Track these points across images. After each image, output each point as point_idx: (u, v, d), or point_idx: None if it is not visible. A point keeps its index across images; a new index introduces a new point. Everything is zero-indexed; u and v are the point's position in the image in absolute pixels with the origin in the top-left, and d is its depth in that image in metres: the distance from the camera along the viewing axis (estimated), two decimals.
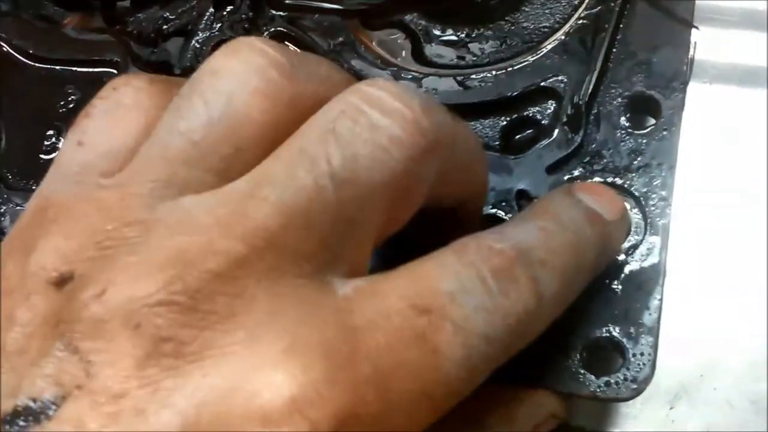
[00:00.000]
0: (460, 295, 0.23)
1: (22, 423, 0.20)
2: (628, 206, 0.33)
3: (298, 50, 0.28)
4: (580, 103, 0.34)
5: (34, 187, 0.38)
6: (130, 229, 0.22)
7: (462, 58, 0.37)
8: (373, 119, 0.23)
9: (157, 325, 0.20)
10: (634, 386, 0.30)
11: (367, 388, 0.21)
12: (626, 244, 0.32)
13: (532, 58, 0.36)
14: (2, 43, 0.41)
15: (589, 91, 0.34)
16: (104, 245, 0.22)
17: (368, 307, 0.22)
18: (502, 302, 0.24)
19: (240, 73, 0.24)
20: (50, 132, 0.39)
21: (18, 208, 0.38)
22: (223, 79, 0.24)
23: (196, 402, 0.20)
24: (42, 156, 0.39)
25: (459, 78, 0.36)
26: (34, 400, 0.20)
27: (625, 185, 0.33)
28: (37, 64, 0.41)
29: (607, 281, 0.32)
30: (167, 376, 0.20)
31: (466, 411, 0.24)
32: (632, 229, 0.32)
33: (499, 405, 0.30)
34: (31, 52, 0.41)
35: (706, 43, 0.38)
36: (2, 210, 0.38)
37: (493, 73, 0.36)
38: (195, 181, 0.23)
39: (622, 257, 0.32)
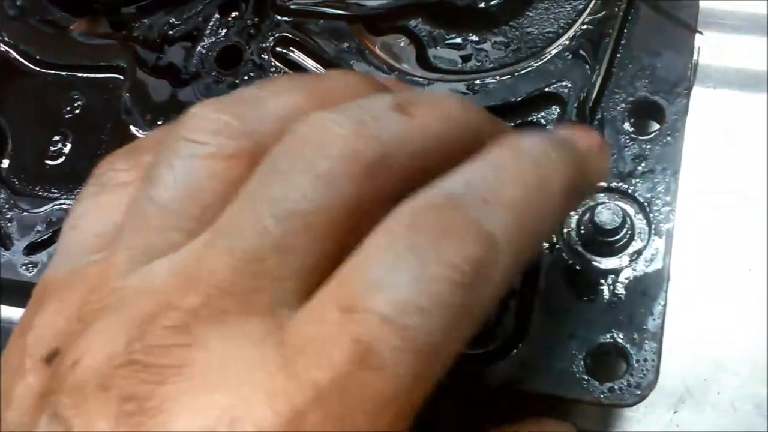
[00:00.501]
0: (385, 278, 0.22)
1: None
2: (631, 211, 0.33)
3: (263, 82, 0.28)
4: (585, 108, 0.34)
5: (40, 193, 0.39)
6: (106, 299, 0.23)
7: (466, 63, 0.37)
8: (308, 155, 0.23)
9: (121, 385, 0.21)
10: (638, 392, 0.30)
11: (312, 412, 0.21)
12: (630, 250, 0.32)
13: (537, 64, 0.36)
14: (9, 49, 0.41)
15: (593, 96, 0.34)
16: (83, 316, 0.23)
17: (307, 327, 0.22)
18: (438, 261, 0.22)
19: (197, 139, 0.25)
20: (56, 138, 0.39)
21: (24, 213, 0.38)
22: (183, 146, 0.25)
23: None
24: (48, 162, 0.39)
25: (463, 83, 0.36)
26: None
27: (629, 191, 0.33)
28: (43, 70, 0.41)
29: (611, 287, 0.32)
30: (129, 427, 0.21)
31: None
32: (636, 234, 0.33)
33: None
34: (37, 57, 0.41)
35: (711, 48, 0.38)
36: (8, 215, 0.38)
37: (498, 78, 0.36)
38: (166, 244, 0.24)
39: (626, 262, 0.32)
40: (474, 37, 0.37)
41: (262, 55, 0.38)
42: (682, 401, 0.37)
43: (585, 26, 0.36)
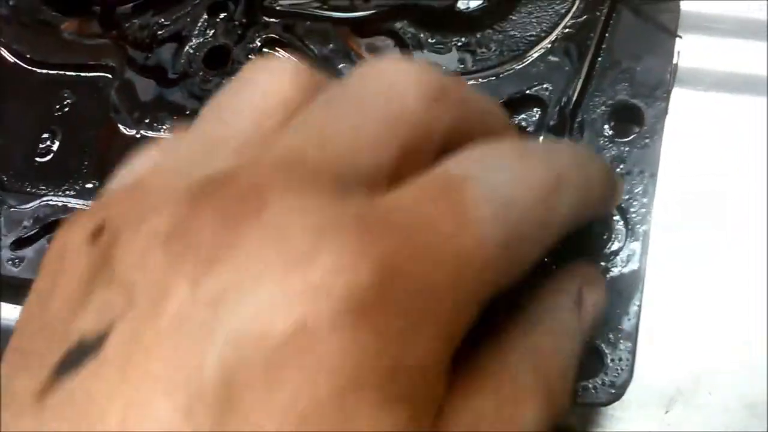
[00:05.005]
0: (483, 161, 0.24)
1: (79, 359, 0.21)
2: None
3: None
4: (565, 110, 0.35)
5: (28, 189, 0.39)
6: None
7: (450, 66, 0.38)
8: (384, 81, 0.25)
9: (193, 233, 0.21)
10: (612, 391, 0.31)
11: (406, 263, 0.21)
12: (607, 251, 0.33)
13: (518, 66, 0.36)
14: (1, 47, 0.42)
15: (574, 99, 0.35)
16: (137, 190, 0.24)
17: (394, 193, 0.23)
18: (523, 170, 0.24)
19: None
20: (45, 135, 0.40)
21: (12, 209, 0.39)
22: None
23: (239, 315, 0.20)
24: (37, 159, 0.40)
25: None
26: (84, 337, 0.21)
27: None
28: (34, 69, 0.41)
29: None
30: (203, 273, 0.20)
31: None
32: (613, 236, 0.33)
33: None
34: (28, 56, 0.42)
35: (703, 51, 0.38)
36: None
37: (480, 80, 0.36)
38: (231, 130, 0.25)
39: (602, 264, 0.32)
40: (458, 40, 0.38)
41: (249, 56, 0.39)
42: (673, 402, 0.37)
43: (567, 30, 0.36)
